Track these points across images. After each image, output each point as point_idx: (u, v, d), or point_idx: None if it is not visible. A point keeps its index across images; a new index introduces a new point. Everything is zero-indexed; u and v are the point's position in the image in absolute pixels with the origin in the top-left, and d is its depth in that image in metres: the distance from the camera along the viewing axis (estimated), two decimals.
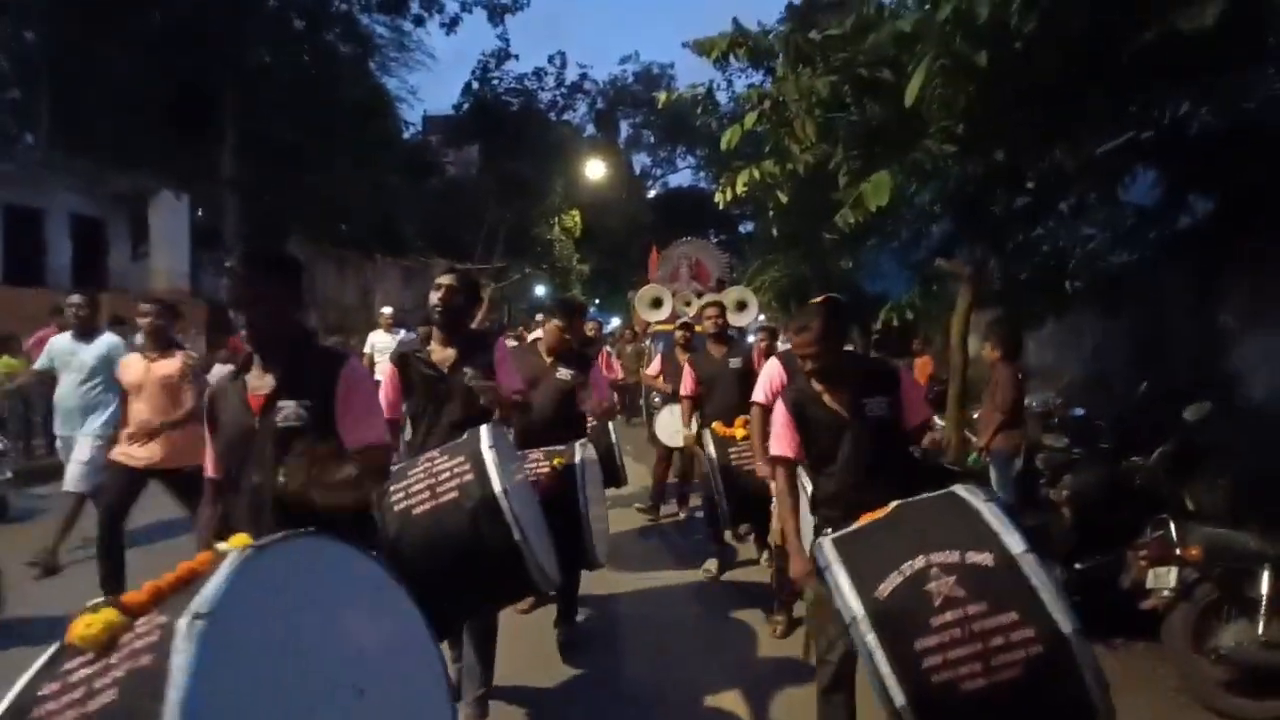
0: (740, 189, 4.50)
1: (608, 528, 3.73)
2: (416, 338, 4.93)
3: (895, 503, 2.11)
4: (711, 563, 4.66)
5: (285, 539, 1.45)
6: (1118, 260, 5.54)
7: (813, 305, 2.63)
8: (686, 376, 4.74)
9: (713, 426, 4.25)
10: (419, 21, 18.49)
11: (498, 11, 20.33)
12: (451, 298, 2.88)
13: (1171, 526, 3.25)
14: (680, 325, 6.35)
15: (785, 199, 4.80)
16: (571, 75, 23.92)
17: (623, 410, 10.45)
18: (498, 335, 3.60)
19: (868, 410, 2.42)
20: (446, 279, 2.94)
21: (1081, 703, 1.72)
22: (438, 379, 2.85)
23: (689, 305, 9.61)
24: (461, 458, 2.35)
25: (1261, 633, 2.90)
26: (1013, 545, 1.83)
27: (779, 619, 3.80)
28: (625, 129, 34.31)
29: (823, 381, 2.46)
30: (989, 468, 4.68)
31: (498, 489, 2.24)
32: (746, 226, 22.98)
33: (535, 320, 7.52)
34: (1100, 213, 5.29)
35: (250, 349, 1.92)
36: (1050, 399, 5.97)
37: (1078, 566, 3.66)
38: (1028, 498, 4.47)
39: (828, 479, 2.46)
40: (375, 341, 8.53)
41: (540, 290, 24.76)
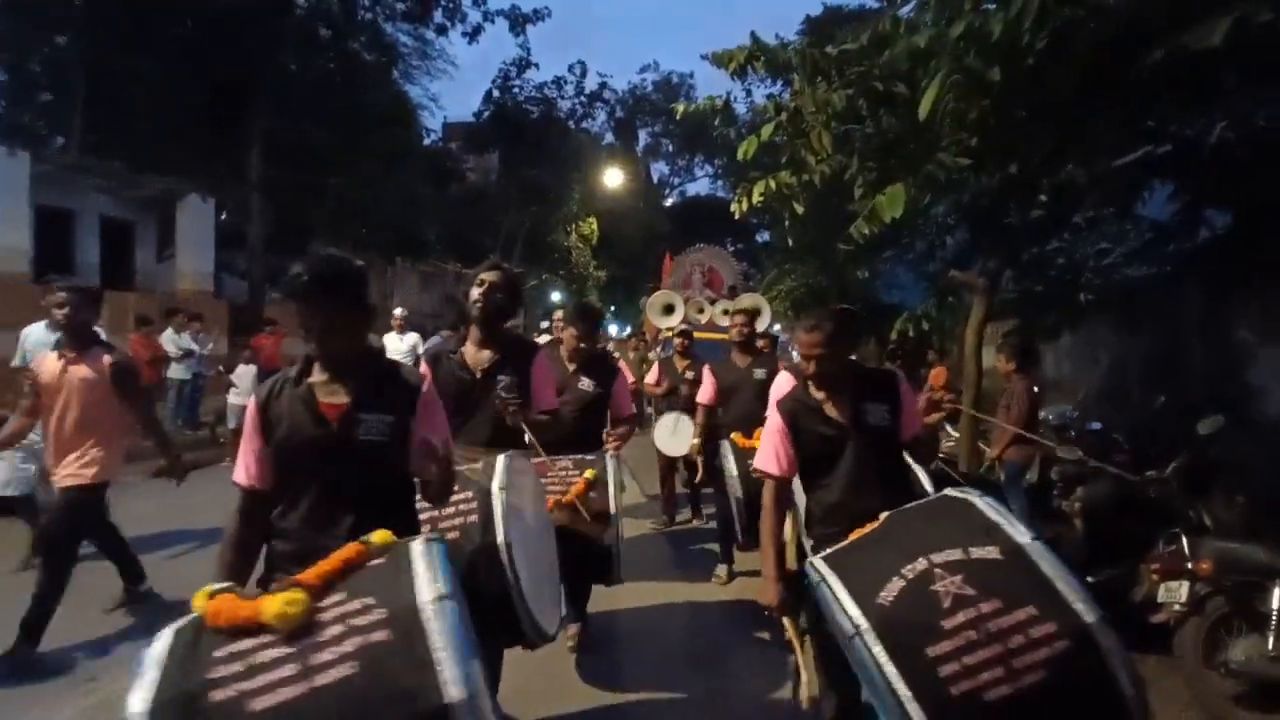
0: (756, 199, 4.57)
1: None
2: (440, 339, 4.87)
3: (884, 514, 2.00)
4: (721, 569, 4.69)
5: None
6: (1134, 274, 5.54)
7: (827, 309, 2.58)
8: (706, 384, 4.65)
9: (732, 437, 4.11)
10: (442, 31, 18.85)
11: (519, 21, 20.64)
12: (493, 294, 2.71)
13: (1183, 540, 3.26)
14: (679, 333, 6.29)
15: (801, 209, 4.85)
16: (591, 84, 24.08)
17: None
18: (536, 344, 3.30)
19: (868, 419, 2.31)
20: (490, 275, 2.74)
21: (1114, 698, 1.57)
22: (470, 382, 2.68)
23: (701, 312, 9.52)
24: (470, 493, 2.22)
25: (1272, 647, 2.90)
26: (1017, 535, 1.72)
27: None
28: (644, 138, 34.65)
29: (823, 388, 2.37)
30: (1001, 479, 4.69)
31: (500, 540, 2.11)
32: (764, 236, 23.00)
33: (551, 323, 7.45)
34: (1114, 226, 5.30)
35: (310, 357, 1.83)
36: (1067, 412, 5.95)
37: (1089, 579, 3.65)
38: (1040, 509, 4.47)
39: (826, 490, 2.33)
40: (386, 343, 8.57)
41: (556, 296, 24.91)
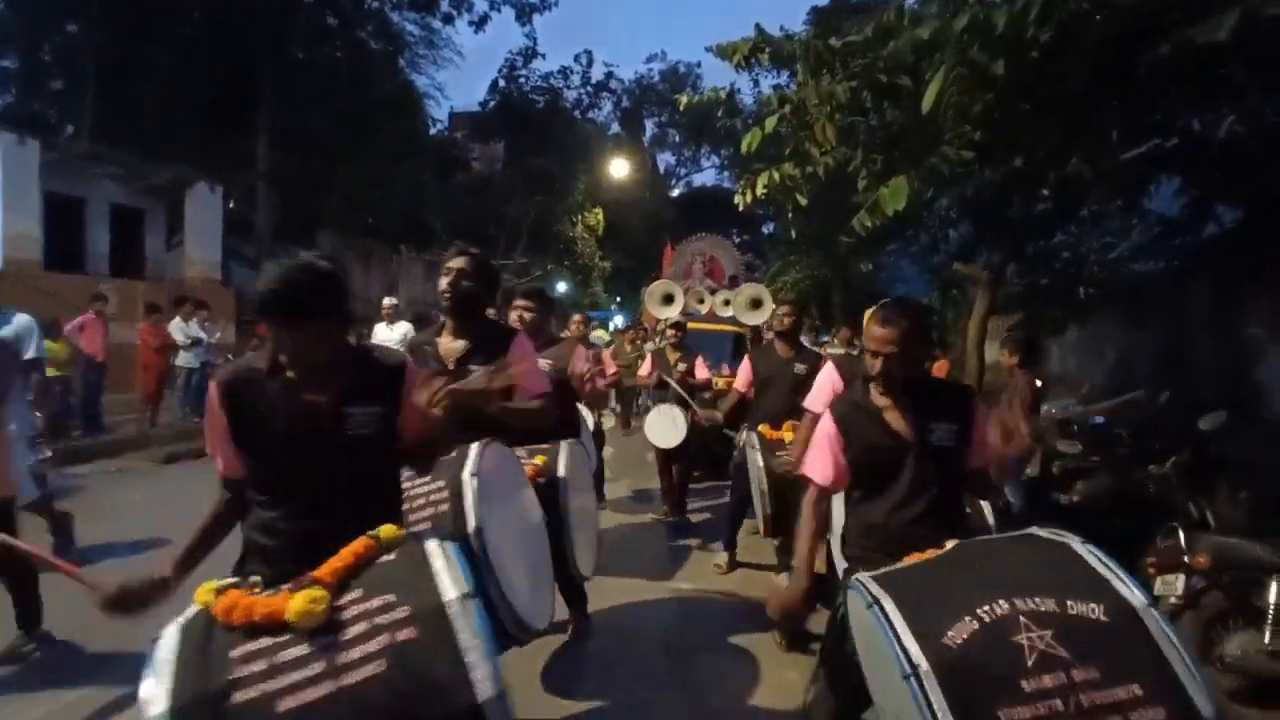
0: (760, 190, 4.56)
1: (594, 540, 3.33)
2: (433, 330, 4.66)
3: (952, 542, 1.76)
4: (722, 557, 4.73)
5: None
6: (1141, 269, 5.51)
7: (905, 301, 2.33)
8: (743, 371, 4.65)
9: (760, 429, 4.06)
10: (448, 20, 18.90)
11: (526, 11, 20.62)
12: (460, 281, 2.58)
13: (1181, 535, 3.26)
14: (673, 324, 6.24)
15: (804, 201, 4.84)
16: (598, 74, 24.15)
17: (619, 401, 10.35)
18: (513, 329, 3.05)
19: (932, 437, 2.02)
20: (457, 262, 2.61)
21: None
22: (443, 373, 2.51)
23: (701, 302, 9.37)
24: (441, 482, 2.09)
25: (1268, 642, 2.90)
26: (1131, 596, 1.48)
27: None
28: (650, 128, 34.54)
29: (888, 393, 2.08)
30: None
31: (472, 526, 1.99)
32: (769, 227, 22.91)
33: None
34: (1120, 221, 5.27)
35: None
36: (1071, 406, 5.94)
37: None
38: (1037, 504, 4.47)
39: (870, 508, 2.08)
40: (376, 333, 8.38)
41: (562, 287, 24.90)
